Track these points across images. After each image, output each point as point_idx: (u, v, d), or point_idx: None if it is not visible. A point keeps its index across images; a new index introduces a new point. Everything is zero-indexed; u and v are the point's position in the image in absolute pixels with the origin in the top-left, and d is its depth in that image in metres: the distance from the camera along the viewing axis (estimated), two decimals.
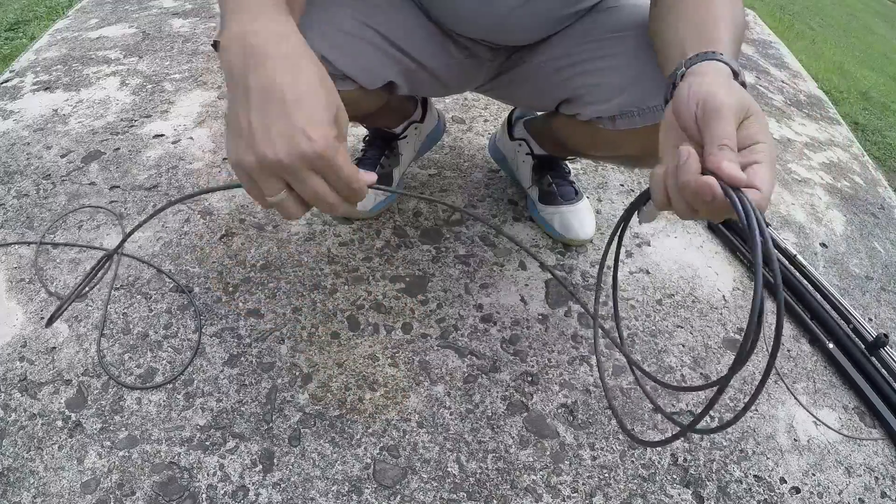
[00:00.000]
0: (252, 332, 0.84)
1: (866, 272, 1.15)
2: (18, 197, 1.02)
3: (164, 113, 1.26)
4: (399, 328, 0.87)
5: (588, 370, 0.86)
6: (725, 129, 0.43)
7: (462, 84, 0.90)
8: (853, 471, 0.80)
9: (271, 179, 0.43)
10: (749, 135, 0.44)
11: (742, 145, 0.43)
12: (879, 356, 0.90)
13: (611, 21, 0.75)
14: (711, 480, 0.76)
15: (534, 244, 1.04)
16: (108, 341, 0.81)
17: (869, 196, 1.39)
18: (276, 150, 0.41)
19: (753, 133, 0.43)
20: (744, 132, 0.44)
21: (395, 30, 0.75)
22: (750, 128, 0.44)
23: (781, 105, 1.72)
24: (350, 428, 0.75)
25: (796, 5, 3.93)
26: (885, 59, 3.72)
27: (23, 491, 0.65)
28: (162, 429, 0.72)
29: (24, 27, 1.97)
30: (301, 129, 0.41)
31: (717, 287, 1.03)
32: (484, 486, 0.71)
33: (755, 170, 0.42)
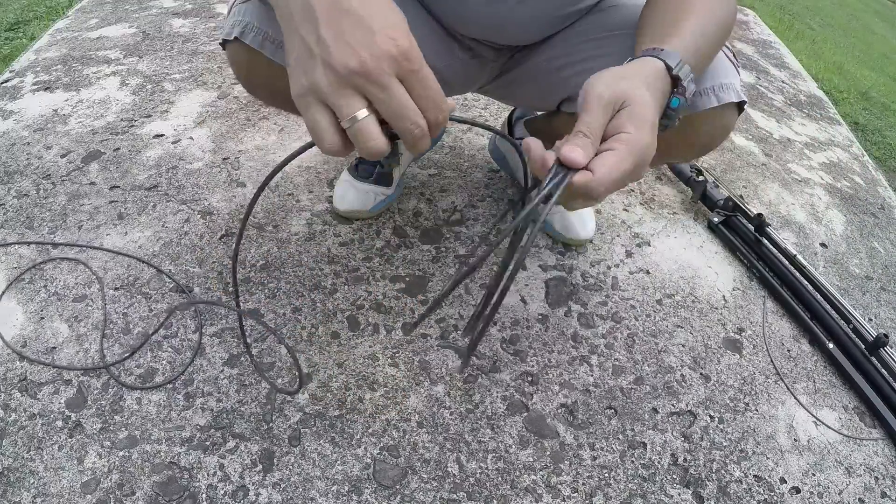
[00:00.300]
0: (252, 332, 0.84)
1: (866, 272, 1.15)
2: (18, 197, 1.02)
3: (164, 113, 1.26)
4: (399, 328, 0.87)
5: (588, 370, 0.86)
6: (584, 119, 0.45)
7: (465, 84, 0.90)
8: (853, 471, 0.80)
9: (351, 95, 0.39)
10: (617, 125, 0.45)
11: (608, 134, 0.45)
12: (879, 356, 0.90)
13: (611, 20, 0.76)
14: (711, 480, 0.76)
15: (534, 244, 1.04)
16: (108, 341, 0.81)
17: (869, 196, 1.39)
18: (358, 55, 0.38)
19: (621, 123, 0.45)
20: (614, 122, 0.46)
21: None
22: (620, 118, 0.45)
23: (781, 105, 1.73)
24: (350, 428, 0.75)
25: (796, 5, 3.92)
26: (885, 59, 3.71)
27: (23, 491, 0.65)
28: (162, 429, 0.72)
29: (24, 27, 1.97)
30: (382, 31, 0.38)
31: (717, 287, 1.03)
32: (484, 486, 0.71)
33: (601, 156, 0.44)
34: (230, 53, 0.70)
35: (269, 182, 0.45)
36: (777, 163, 1.42)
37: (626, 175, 0.44)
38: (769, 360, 0.93)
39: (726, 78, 0.66)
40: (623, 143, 0.44)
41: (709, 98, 0.65)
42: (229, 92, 1.34)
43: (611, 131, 0.46)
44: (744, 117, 1.59)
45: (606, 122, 0.46)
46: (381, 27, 0.39)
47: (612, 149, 0.44)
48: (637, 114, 0.45)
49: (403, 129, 0.40)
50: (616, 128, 0.45)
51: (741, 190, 1.29)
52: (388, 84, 0.39)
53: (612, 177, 0.43)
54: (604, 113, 0.45)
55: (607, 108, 0.45)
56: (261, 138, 1.21)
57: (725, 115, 0.68)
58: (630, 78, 0.48)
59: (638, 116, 0.45)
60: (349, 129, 0.39)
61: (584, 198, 0.45)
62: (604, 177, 0.43)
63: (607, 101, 0.45)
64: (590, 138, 0.44)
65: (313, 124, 0.40)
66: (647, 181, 1.25)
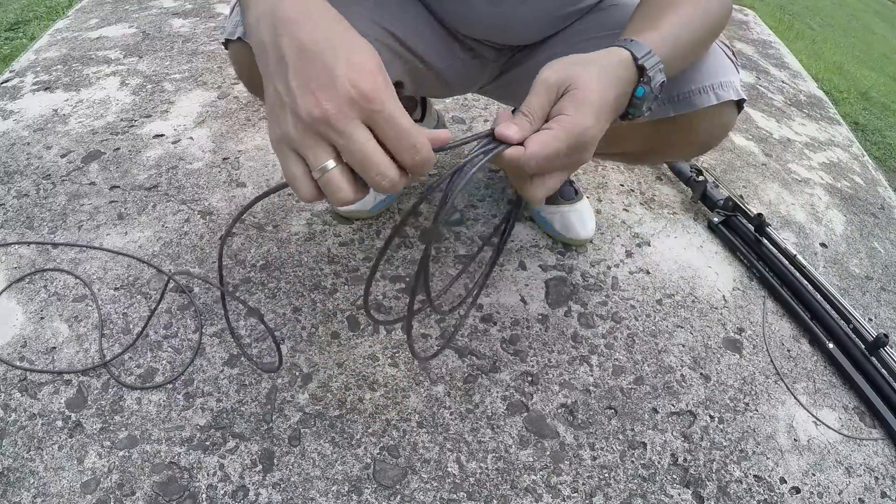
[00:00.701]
0: (252, 332, 0.84)
1: (866, 272, 1.15)
2: (18, 197, 1.02)
3: (164, 113, 1.26)
4: (399, 328, 0.87)
5: (588, 370, 0.86)
6: (527, 100, 0.47)
7: (466, 85, 0.90)
8: (853, 471, 0.80)
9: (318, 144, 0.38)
10: (558, 107, 0.47)
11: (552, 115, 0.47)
12: (879, 356, 0.90)
13: (611, 19, 0.76)
14: (711, 480, 0.76)
15: (534, 244, 1.04)
16: (108, 341, 0.81)
17: (869, 196, 1.39)
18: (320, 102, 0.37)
19: (562, 107, 0.46)
20: (557, 105, 0.47)
21: (404, 29, 0.75)
22: (563, 101, 0.47)
23: (781, 105, 1.73)
24: (350, 428, 0.75)
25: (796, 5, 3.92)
26: (885, 59, 3.71)
27: (23, 491, 0.65)
28: (162, 429, 0.72)
29: (24, 27, 1.97)
30: (343, 74, 0.37)
31: (717, 287, 1.03)
32: (484, 486, 0.71)
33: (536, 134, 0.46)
34: (232, 53, 0.70)
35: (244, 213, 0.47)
36: (777, 163, 1.42)
37: (560, 154, 0.45)
38: (769, 360, 0.93)
39: (725, 76, 0.66)
40: (559, 124, 0.46)
41: (708, 96, 0.65)
42: (229, 92, 1.34)
43: (553, 114, 0.47)
44: (744, 117, 1.59)
45: (549, 105, 0.47)
46: (344, 71, 0.38)
47: (547, 128, 0.46)
48: (578, 98, 0.46)
49: (368, 179, 0.39)
50: (557, 110, 0.47)
51: (741, 190, 1.29)
52: (348, 131, 0.38)
53: (542, 153, 0.44)
54: (546, 95, 0.47)
55: (550, 91, 0.47)
56: (261, 138, 1.21)
57: (725, 113, 0.68)
58: (583, 64, 0.49)
59: (579, 100, 0.46)
60: (319, 179, 0.39)
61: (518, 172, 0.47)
62: (534, 153, 0.44)
63: (550, 85, 0.47)
64: (528, 118, 0.46)
65: (289, 174, 0.40)
66: (647, 181, 1.25)
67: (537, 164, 0.45)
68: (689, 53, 0.60)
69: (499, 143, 0.46)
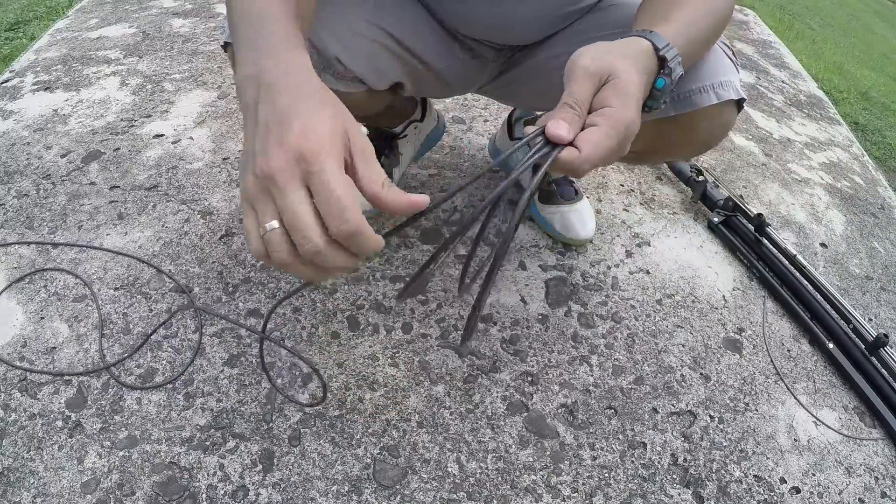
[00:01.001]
0: (252, 333, 0.84)
1: (866, 272, 1.15)
2: (18, 197, 1.02)
3: (164, 113, 1.26)
4: (399, 328, 0.87)
5: (588, 370, 0.86)
6: (570, 89, 0.45)
7: (466, 85, 0.90)
8: (853, 471, 0.80)
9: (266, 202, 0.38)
10: (601, 98, 0.45)
11: (594, 108, 0.45)
12: (879, 356, 0.90)
13: (611, 18, 0.76)
14: (711, 480, 0.76)
15: (534, 244, 1.04)
16: (108, 341, 0.81)
17: (869, 196, 1.39)
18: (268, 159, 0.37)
19: (605, 97, 0.45)
20: (599, 95, 0.45)
21: (403, 30, 0.75)
22: (604, 91, 0.45)
23: (781, 105, 1.72)
24: (350, 428, 0.75)
25: (796, 5, 3.92)
26: (885, 59, 3.71)
27: (23, 491, 0.65)
28: (162, 429, 0.72)
29: (24, 27, 1.97)
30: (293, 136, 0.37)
31: (717, 287, 1.03)
32: (484, 486, 0.71)
33: (587, 132, 0.43)
34: (231, 55, 0.70)
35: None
36: (777, 163, 1.42)
37: (611, 152, 0.44)
38: (769, 360, 0.93)
39: (725, 76, 0.66)
40: (608, 119, 0.44)
41: (708, 95, 0.65)
42: (229, 92, 1.34)
43: (595, 104, 0.45)
44: (744, 117, 1.59)
45: (592, 95, 0.45)
46: (295, 133, 0.38)
47: (596, 124, 0.44)
48: (622, 88, 0.45)
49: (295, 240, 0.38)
50: (601, 101, 0.45)
51: (741, 190, 1.29)
52: (286, 190, 0.37)
53: (597, 154, 0.43)
54: (590, 84, 0.45)
55: (593, 79, 0.45)
56: None
57: (725, 112, 0.68)
58: (616, 53, 0.47)
59: (623, 91, 0.45)
60: (263, 237, 0.38)
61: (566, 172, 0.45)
62: (589, 155, 0.43)
63: (592, 74, 0.45)
64: (576, 111, 0.44)
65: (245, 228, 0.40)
66: (647, 181, 1.25)
67: (591, 166, 0.43)
68: (697, 50, 0.60)
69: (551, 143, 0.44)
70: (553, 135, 0.43)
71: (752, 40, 2.15)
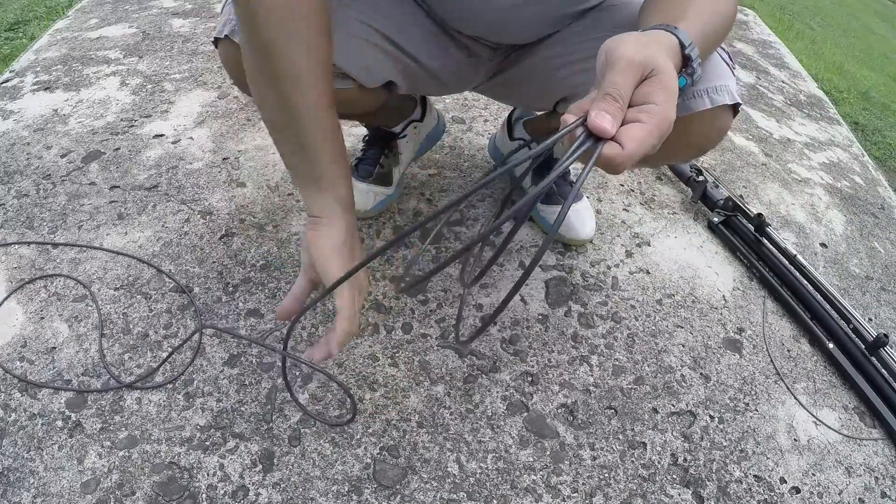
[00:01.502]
0: (252, 332, 0.84)
1: (866, 272, 1.15)
2: (18, 197, 1.02)
3: (164, 113, 1.26)
4: (399, 328, 0.87)
5: (588, 370, 0.86)
6: (614, 79, 0.42)
7: (461, 83, 0.90)
8: (853, 471, 0.80)
9: None
10: (644, 93, 0.42)
11: (635, 102, 0.42)
12: (879, 356, 0.90)
13: (611, 19, 0.75)
14: (711, 480, 0.76)
15: (534, 244, 1.04)
16: (108, 341, 0.81)
17: (869, 196, 1.39)
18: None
19: (648, 92, 0.42)
20: (641, 89, 0.42)
21: (397, 29, 0.75)
22: (647, 86, 0.42)
23: (781, 105, 1.73)
24: (350, 428, 0.75)
25: (796, 5, 3.92)
26: (885, 59, 3.71)
27: (23, 491, 0.65)
28: (162, 429, 0.72)
29: (24, 27, 1.97)
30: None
31: (717, 287, 1.03)
32: (484, 486, 0.71)
33: (629, 127, 0.41)
34: (222, 51, 0.70)
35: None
36: (777, 163, 1.42)
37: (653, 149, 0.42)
38: (769, 360, 0.93)
39: (720, 80, 0.65)
40: (653, 116, 0.41)
41: (702, 100, 0.65)
42: (229, 92, 1.34)
43: (636, 99, 0.42)
44: (744, 117, 1.59)
45: (634, 87, 0.42)
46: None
47: (639, 121, 0.41)
48: (666, 85, 0.42)
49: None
50: (643, 96, 0.42)
51: (741, 190, 1.29)
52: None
53: (639, 153, 0.40)
54: (633, 76, 0.42)
55: (636, 71, 0.42)
56: (261, 138, 1.21)
57: (720, 117, 0.67)
58: (655, 46, 0.45)
59: (667, 88, 0.42)
60: None
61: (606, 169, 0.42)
62: (633, 153, 0.40)
63: (636, 65, 0.42)
64: (619, 103, 0.41)
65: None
66: (647, 181, 1.25)
67: (632, 164, 0.41)
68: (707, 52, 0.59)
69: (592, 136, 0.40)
70: (597, 127, 0.40)
71: (752, 40, 2.15)
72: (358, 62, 0.73)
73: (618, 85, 0.41)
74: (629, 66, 0.42)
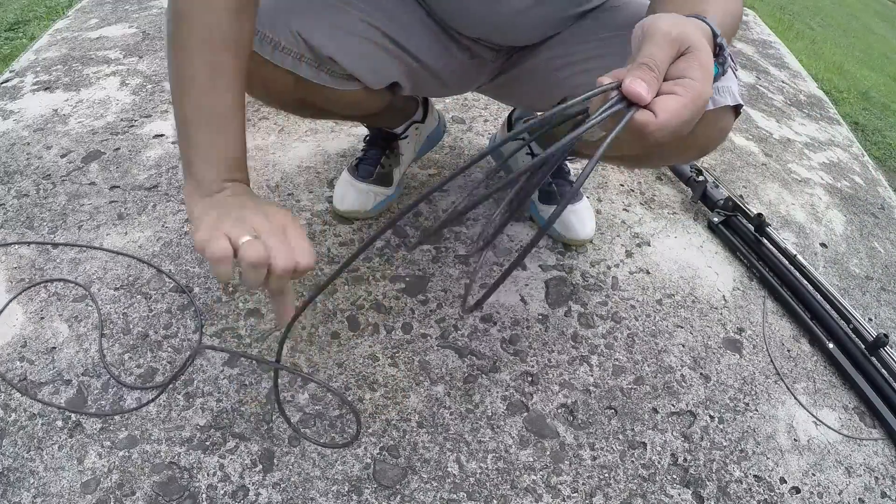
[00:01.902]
0: (252, 332, 0.84)
1: (866, 272, 1.15)
2: (18, 197, 1.02)
3: (164, 113, 1.26)
4: (399, 328, 0.87)
5: (588, 370, 0.86)
6: (651, 50, 0.41)
7: (464, 85, 0.90)
8: (853, 471, 0.80)
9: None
10: (681, 68, 0.41)
11: (670, 76, 0.41)
12: (879, 356, 0.90)
13: (613, 19, 0.75)
14: (711, 480, 0.76)
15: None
16: (108, 341, 0.81)
17: (869, 196, 1.39)
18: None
19: (684, 68, 0.41)
20: (677, 65, 0.42)
21: (400, 31, 0.75)
22: (684, 62, 0.42)
23: (781, 105, 1.73)
24: (350, 428, 0.75)
25: (796, 5, 3.93)
26: (885, 59, 3.71)
27: (23, 491, 0.65)
28: (162, 429, 0.72)
29: (24, 27, 1.97)
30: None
31: (717, 287, 1.03)
32: (484, 486, 0.71)
33: (664, 98, 0.40)
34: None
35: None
36: (777, 163, 1.42)
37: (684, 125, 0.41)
38: (769, 360, 0.93)
39: (723, 81, 0.65)
40: (688, 90, 0.40)
41: None
42: None
43: (671, 73, 0.41)
44: (744, 117, 1.59)
45: (670, 61, 0.41)
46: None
47: (675, 93, 0.40)
48: (703, 62, 0.41)
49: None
50: (679, 71, 0.41)
51: (741, 190, 1.29)
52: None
53: (671, 124, 0.39)
54: (670, 49, 0.41)
55: (672, 45, 0.41)
56: (261, 138, 1.21)
57: (721, 118, 0.67)
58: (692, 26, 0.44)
59: (703, 65, 0.41)
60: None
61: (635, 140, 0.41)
62: (665, 122, 0.39)
63: (673, 39, 0.41)
64: (654, 73, 0.40)
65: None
66: (647, 181, 1.25)
67: (663, 136, 0.40)
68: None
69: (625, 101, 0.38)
70: (632, 91, 0.38)
71: (752, 40, 2.15)
72: (364, 64, 0.73)
73: (654, 56, 0.40)
74: (665, 39, 0.41)
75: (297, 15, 0.68)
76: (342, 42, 0.71)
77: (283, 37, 0.68)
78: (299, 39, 0.68)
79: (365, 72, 0.73)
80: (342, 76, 0.73)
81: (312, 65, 0.71)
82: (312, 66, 0.71)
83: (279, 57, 0.69)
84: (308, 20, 0.69)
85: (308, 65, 0.71)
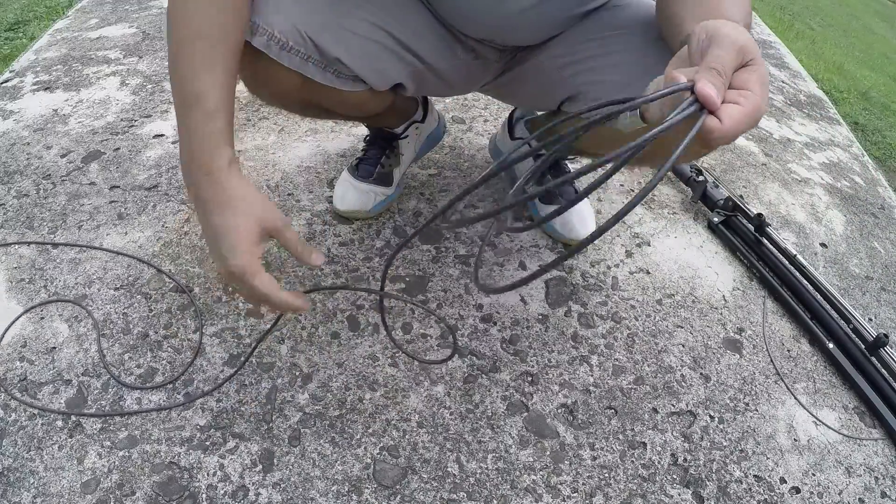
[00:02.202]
0: (252, 332, 0.84)
1: (866, 272, 1.15)
2: (18, 197, 1.02)
3: (164, 113, 1.26)
4: (399, 328, 0.87)
5: (588, 370, 0.86)
6: (719, 55, 0.41)
7: (467, 85, 0.90)
8: (853, 471, 0.80)
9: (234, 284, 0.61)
10: (743, 79, 0.42)
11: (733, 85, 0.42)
12: (879, 356, 0.90)
13: (616, 19, 0.75)
14: (711, 480, 0.76)
15: (534, 244, 1.04)
16: (108, 341, 0.81)
17: (869, 196, 1.39)
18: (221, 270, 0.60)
19: (747, 79, 0.42)
20: (740, 75, 0.42)
21: (406, 31, 0.75)
22: (746, 73, 0.42)
23: (781, 105, 1.72)
24: (350, 428, 0.75)
25: (796, 5, 3.93)
26: (885, 59, 3.71)
27: (23, 491, 0.65)
28: (162, 429, 0.72)
29: (24, 27, 1.97)
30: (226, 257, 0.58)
31: (717, 287, 1.03)
32: (484, 486, 0.71)
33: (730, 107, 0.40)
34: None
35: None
36: (777, 163, 1.42)
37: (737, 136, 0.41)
38: (769, 360, 0.93)
39: None
40: (750, 102, 0.40)
41: None
42: None
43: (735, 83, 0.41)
44: None
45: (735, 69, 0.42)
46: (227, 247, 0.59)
47: (738, 103, 0.40)
48: (763, 77, 0.42)
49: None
50: (742, 82, 0.41)
51: (741, 190, 1.29)
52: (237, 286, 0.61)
53: (733, 133, 0.39)
54: (737, 57, 0.41)
55: (739, 55, 0.41)
56: (261, 138, 1.21)
57: None
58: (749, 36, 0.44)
59: (763, 80, 0.42)
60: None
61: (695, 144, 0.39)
62: (729, 130, 0.39)
63: (740, 49, 0.41)
64: (722, 78, 0.40)
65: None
66: (647, 181, 1.25)
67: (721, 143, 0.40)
68: None
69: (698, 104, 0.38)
70: (706, 95, 0.38)
71: None
72: (370, 65, 0.73)
73: (723, 61, 0.41)
74: (733, 46, 0.41)
75: (305, 15, 0.68)
76: (349, 43, 0.71)
77: (291, 37, 0.68)
78: (307, 40, 0.68)
79: (370, 73, 0.74)
80: (348, 77, 0.73)
81: (319, 65, 0.71)
82: (319, 67, 0.71)
83: (286, 57, 0.69)
84: (315, 21, 0.69)
85: (315, 65, 0.71)
